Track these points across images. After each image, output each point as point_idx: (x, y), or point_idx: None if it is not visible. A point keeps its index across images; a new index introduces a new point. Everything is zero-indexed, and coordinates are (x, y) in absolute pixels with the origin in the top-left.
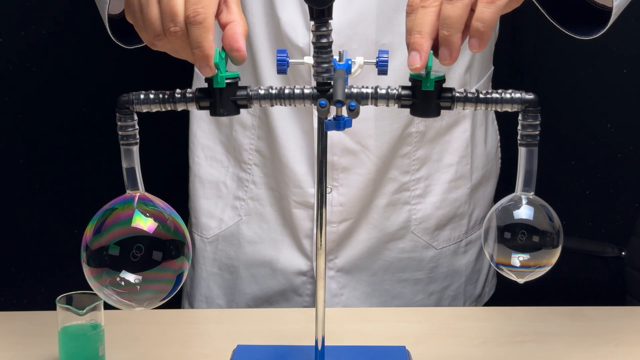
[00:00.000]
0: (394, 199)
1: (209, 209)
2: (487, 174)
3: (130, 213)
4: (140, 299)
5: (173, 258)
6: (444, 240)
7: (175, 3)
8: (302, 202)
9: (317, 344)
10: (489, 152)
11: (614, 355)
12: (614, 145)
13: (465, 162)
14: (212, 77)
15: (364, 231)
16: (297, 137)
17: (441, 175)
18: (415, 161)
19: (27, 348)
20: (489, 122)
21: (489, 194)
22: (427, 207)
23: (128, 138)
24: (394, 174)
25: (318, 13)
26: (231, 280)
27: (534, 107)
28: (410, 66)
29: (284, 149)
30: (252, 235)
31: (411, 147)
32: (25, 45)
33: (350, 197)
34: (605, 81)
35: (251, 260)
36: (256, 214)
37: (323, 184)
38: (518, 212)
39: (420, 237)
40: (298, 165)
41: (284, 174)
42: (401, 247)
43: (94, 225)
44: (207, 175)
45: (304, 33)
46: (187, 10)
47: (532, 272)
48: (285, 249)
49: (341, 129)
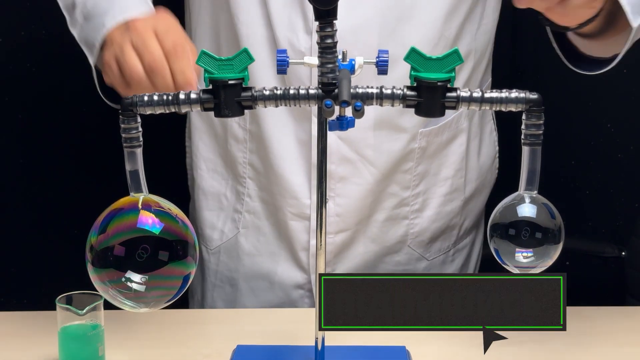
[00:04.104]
0: (394, 214)
1: (211, 221)
2: (480, 186)
3: (136, 214)
4: (146, 300)
5: (180, 258)
6: (435, 252)
7: (150, 42)
8: (298, 214)
9: (317, 344)
10: (482, 165)
11: (614, 355)
12: (614, 145)
13: (460, 175)
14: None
15: (362, 245)
16: (293, 148)
17: (437, 189)
18: (415, 177)
19: (27, 348)
20: (485, 134)
21: (481, 204)
22: (424, 220)
23: (132, 140)
24: (395, 189)
25: (323, 13)
26: (232, 293)
27: (537, 107)
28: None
29: (279, 160)
30: (250, 248)
31: (413, 162)
32: (25, 45)
33: (347, 207)
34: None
35: (250, 273)
36: (253, 226)
37: (323, 184)
38: (522, 210)
39: (415, 250)
40: (294, 176)
41: (279, 186)
42: (397, 260)
43: (99, 226)
44: (209, 187)
45: (305, 37)
46: (167, 45)
47: (535, 267)
48: (283, 262)
49: (344, 129)
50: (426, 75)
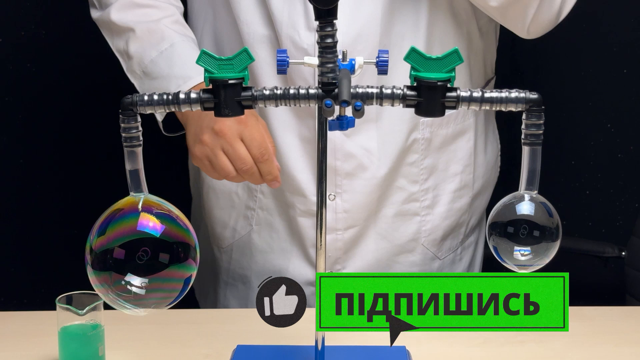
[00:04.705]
0: (403, 210)
1: (223, 219)
2: (486, 183)
3: (137, 216)
4: (147, 303)
5: (181, 261)
6: (446, 250)
7: (240, 150)
8: (306, 210)
9: (317, 344)
10: (488, 161)
11: (614, 355)
12: (614, 145)
13: (468, 171)
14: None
15: (372, 241)
16: (296, 146)
17: (447, 185)
18: (423, 170)
19: (27, 348)
20: (490, 131)
21: (485, 202)
22: (435, 218)
23: (132, 140)
24: (402, 182)
25: (323, 13)
26: (244, 290)
27: (537, 107)
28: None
29: (285, 158)
30: (263, 244)
31: (418, 155)
32: (25, 45)
33: (354, 203)
34: (605, 81)
35: (262, 270)
36: (266, 223)
37: (323, 185)
38: (520, 208)
39: (429, 249)
40: (300, 174)
41: (288, 183)
42: (412, 261)
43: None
44: (220, 186)
45: (306, 34)
46: (254, 152)
47: (533, 264)
48: (294, 259)
49: (344, 129)
50: (426, 75)
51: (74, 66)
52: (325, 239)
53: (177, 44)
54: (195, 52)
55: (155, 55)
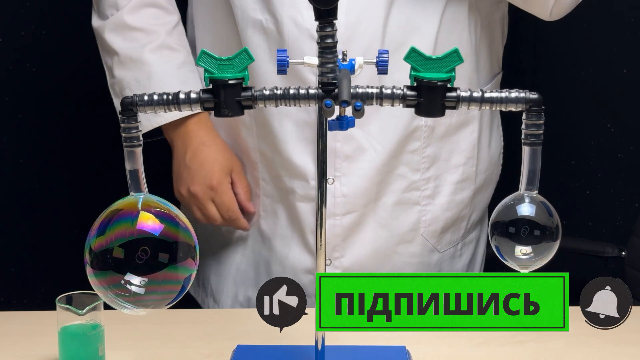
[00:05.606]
0: (404, 198)
1: None
2: (488, 178)
3: (136, 216)
4: (146, 303)
5: (180, 261)
6: (446, 244)
7: (211, 211)
8: (305, 195)
9: (317, 344)
10: (492, 156)
11: (614, 355)
12: (614, 145)
13: (471, 163)
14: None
15: (371, 229)
16: (294, 129)
17: (449, 176)
18: (425, 159)
19: (27, 348)
20: (494, 127)
21: (487, 198)
22: (436, 208)
23: (132, 140)
24: (403, 170)
25: (323, 13)
26: (255, 277)
27: (538, 107)
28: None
29: (283, 144)
30: (268, 231)
31: (420, 142)
32: (25, 45)
33: (354, 187)
34: (605, 81)
35: (267, 257)
36: (271, 210)
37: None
38: (521, 209)
39: (428, 240)
40: (298, 157)
41: (286, 168)
42: (411, 251)
43: (97, 228)
44: None
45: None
46: (223, 215)
47: (533, 263)
48: (294, 246)
49: (344, 129)
50: (426, 75)
51: (74, 66)
52: (325, 239)
53: (155, 75)
54: (175, 82)
55: (134, 85)
